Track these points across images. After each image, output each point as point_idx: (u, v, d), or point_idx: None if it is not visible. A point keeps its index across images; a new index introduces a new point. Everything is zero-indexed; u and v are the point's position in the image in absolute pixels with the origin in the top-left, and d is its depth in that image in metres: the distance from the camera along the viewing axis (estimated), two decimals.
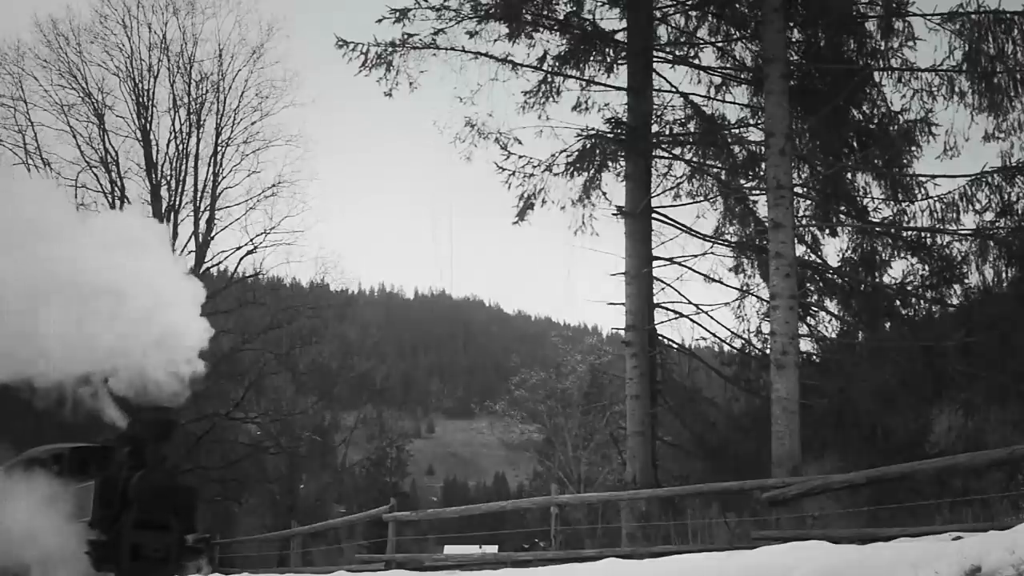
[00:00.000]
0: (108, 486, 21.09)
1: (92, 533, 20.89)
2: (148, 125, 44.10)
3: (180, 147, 44.28)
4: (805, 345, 25.16)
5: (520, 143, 26.63)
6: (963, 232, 23.57)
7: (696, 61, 26.94)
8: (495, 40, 25.99)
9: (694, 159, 27.13)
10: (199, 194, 44.36)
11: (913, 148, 24.18)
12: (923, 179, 24.15)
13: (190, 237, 43.94)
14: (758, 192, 25.59)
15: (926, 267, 24.25)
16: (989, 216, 23.29)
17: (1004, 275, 23.31)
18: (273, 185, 44.49)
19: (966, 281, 23.79)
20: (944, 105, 23.22)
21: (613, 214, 26.27)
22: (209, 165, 44.73)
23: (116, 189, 43.92)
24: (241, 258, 45.20)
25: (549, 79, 26.56)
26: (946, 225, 23.62)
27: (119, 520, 20.66)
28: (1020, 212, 23.01)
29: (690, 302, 26.47)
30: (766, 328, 24.89)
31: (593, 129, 25.87)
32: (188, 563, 21.20)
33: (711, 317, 26.56)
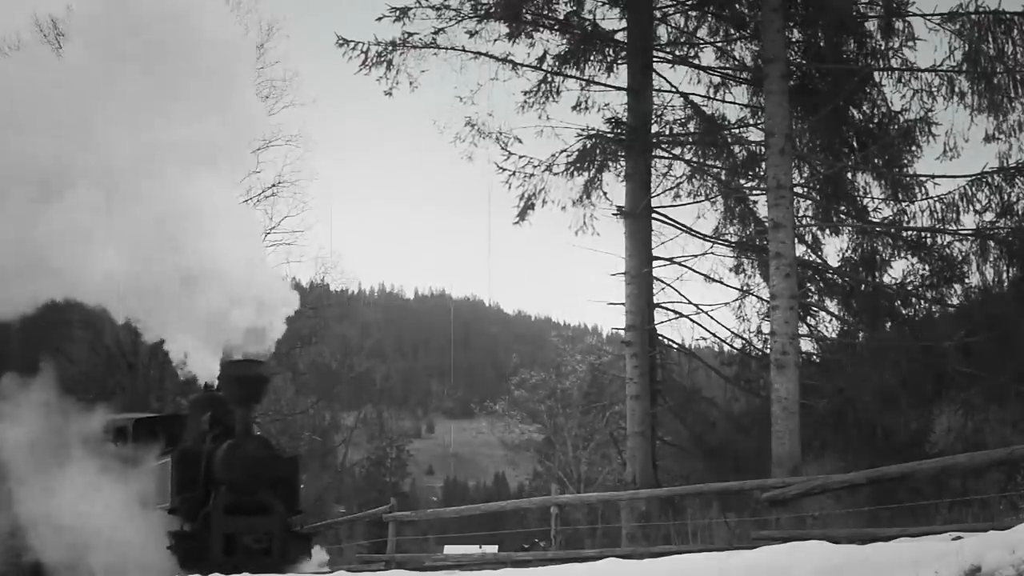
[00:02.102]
0: (188, 463, 18.21)
1: (173, 523, 18.11)
2: None
3: None
4: (805, 345, 25.19)
5: (520, 143, 26.65)
6: (963, 232, 23.62)
7: (696, 61, 26.96)
8: (495, 40, 26.01)
9: (694, 159, 27.14)
10: None
11: (913, 148, 24.18)
12: (923, 179, 24.18)
13: None
14: (758, 192, 25.60)
15: (926, 267, 24.26)
16: (989, 216, 23.35)
17: (1004, 275, 23.35)
18: (273, 185, 44.41)
19: (966, 281, 23.84)
20: (944, 105, 23.25)
21: (613, 214, 26.28)
22: None
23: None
24: None
25: (549, 79, 26.55)
26: (946, 225, 23.65)
27: (206, 504, 17.73)
28: (1020, 212, 23.05)
29: (690, 302, 26.50)
30: (766, 328, 24.90)
31: (593, 129, 25.91)
32: (297, 555, 17.95)
33: (711, 317, 26.59)
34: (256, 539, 17.47)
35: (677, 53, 27.10)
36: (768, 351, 23.60)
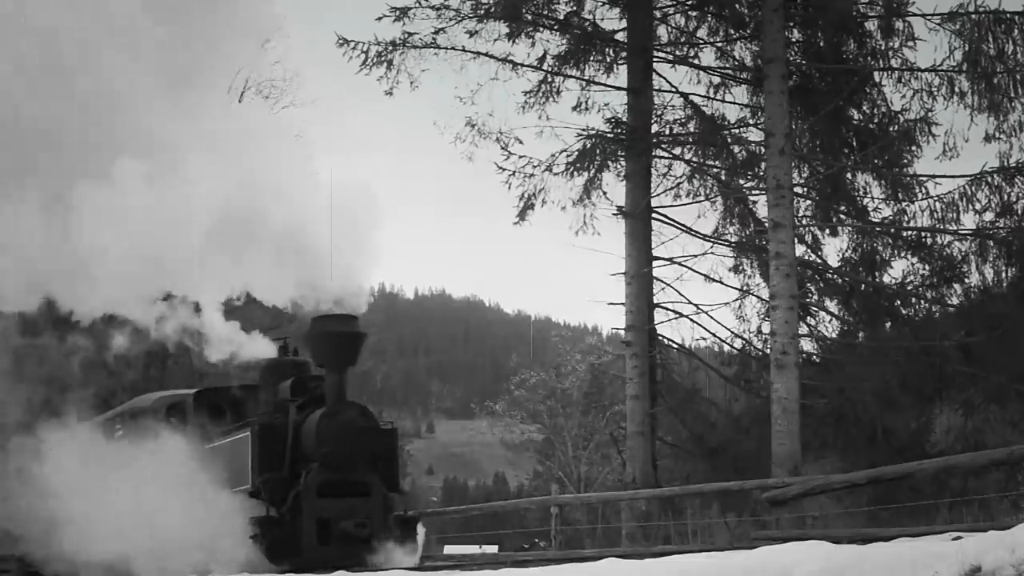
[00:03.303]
0: (271, 437, 15.88)
1: (256, 508, 15.70)
2: None
3: None
4: (805, 345, 25.21)
5: (520, 143, 26.66)
6: (963, 232, 23.64)
7: (696, 61, 26.95)
8: (495, 40, 26.02)
9: (694, 159, 27.15)
10: None
11: (913, 148, 24.20)
12: (923, 179, 24.20)
13: None
14: (758, 192, 25.61)
15: (926, 267, 24.28)
16: (989, 216, 23.39)
17: (1004, 275, 23.37)
18: None
19: (966, 281, 23.85)
20: (944, 105, 23.30)
21: (613, 214, 26.29)
22: None
23: None
24: None
25: (549, 79, 26.56)
26: (946, 225, 23.67)
27: (294, 485, 15.42)
28: (1020, 212, 23.07)
29: (690, 302, 26.50)
30: (766, 328, 24.89)
31: (593, 129, 25.94)
32: (401, 542, 15.47)
33: (711, 317, 26.59)
34: (357, 524, 15.17)
35: (677, 53, 27.11)
36: (768, 351, 23.61)
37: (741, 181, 26.78)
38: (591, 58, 26.66)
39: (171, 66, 17.55)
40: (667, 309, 26.44)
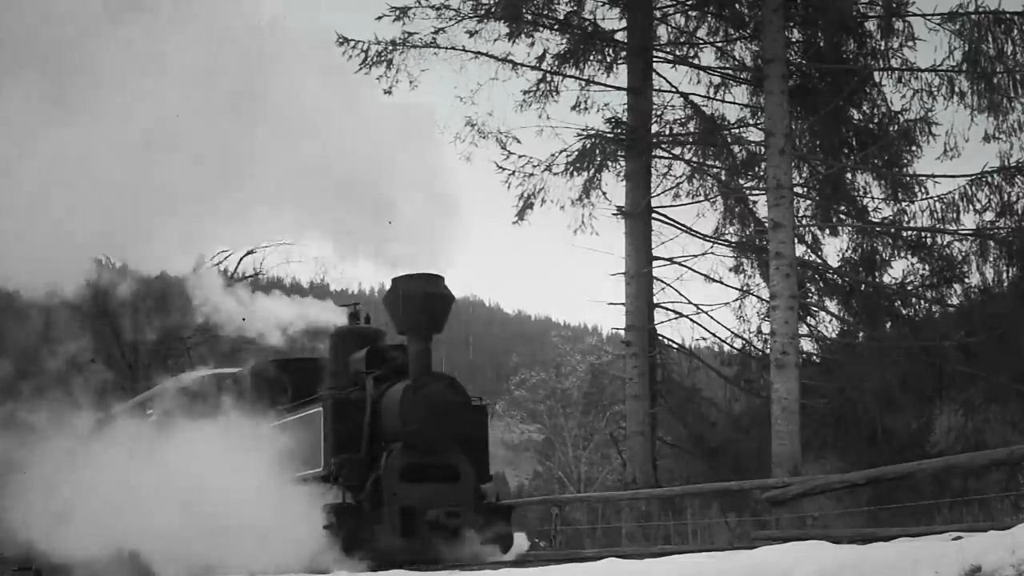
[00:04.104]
0: (346, 414, 14.23)
1: (328, 493, 14.09)
2: None
3: None
4: (805, 345, 25.23)
5: (519, 142, 26.69)
6: (963, 232, 23.66)
7: (696, 61, 26.99)
8: (495, 39, 26.04)
9: (694, 159, 27.17)
10: None
11: (913, 148, 24.22)
12: (923, 179, 24.21)
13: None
14: (758, 192, 25.63)
15: (926, 267, 24.29)
16: (989, 216, 23.39)
17: (1004, 275, 23.38)
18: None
19: (966, 281, 23.86)
20: (944, 105, 23.33)
21: (613, 214, 26.31)
22: None
23: None
24: (241, 258, 45.01)
25: (549, 79, 26.58)
26: (946, 225, 23.68)
27: (373, 468, 13.83)
28: (1020, 212, 23.07)
29: (690, 302, 26.52)
30: (766, 328, 24.91)
31: (593, 129, 25.97)
32: (496, 536, 14.02)
33: (711, 317, 26.62)
34: (448, 512, 13.48)
35: (677, 53, 27.14)
36: (768, 351, 23.61)
37: (741, 181, 26.82)
38: (591, 58, 26.69)
39: None
40: (667, 309, 26.46)
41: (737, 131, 26.72)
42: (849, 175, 25.29)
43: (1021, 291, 22.95)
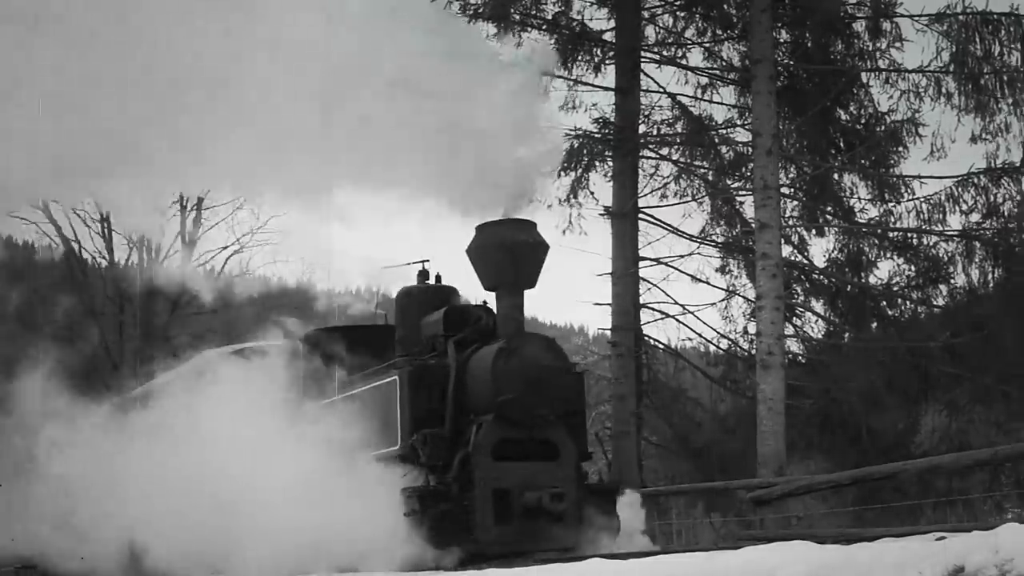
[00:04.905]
0: (426, 383, 12.60)
1: (407, 475, 12.41)
2: None
3: None
4: (791, 346, 25.22)
5: None
6: (949, 233, 23.70)
7: (684, 61, 26.94)
8: (483, 39, 25.95)
9: (681, 159, 27.16)
10: (185, 194, 44.06)
11: (900, 149, 24.25)
12: (910, 180, 24.23)
13: (176, 236, 43.69)
14: (745, 193, 25.61)
15: (912, 268, 24.33)
16: (975, 217, 23.44)
17: (990, 276, 23.43)
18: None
19: (952, 282, 23.91)
20: (931, 106, 23.37)
21: (600, 214, 26.26)
22: None
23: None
24: (228, 258, 44.95)
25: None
26: (932, 226, 23.72)
27: (458, 445, 12.18)
28: (1006, 213, 23.13)
29: (676, 302, 26.45)
30: (752, 329, 24.92)
31: (580, 129, 25.91)
32: (603, 523, 12.54)
33: (697, 318, 26.59)
34: (553, 495, 11.80)
35: (665, 53, 27.10)
36: (754, 352, 23.62)
37: (728, 181, 26.81)
38: (579, 58, 26.65)
39: None
40: (653, 309, 26.44)
41: (724, 132, 26.74)
42: (836, 176, 25.31)
43: (1006, 292, 23.01)
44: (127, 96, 12.96)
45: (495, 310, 13.20)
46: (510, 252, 12.74)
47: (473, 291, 13.98)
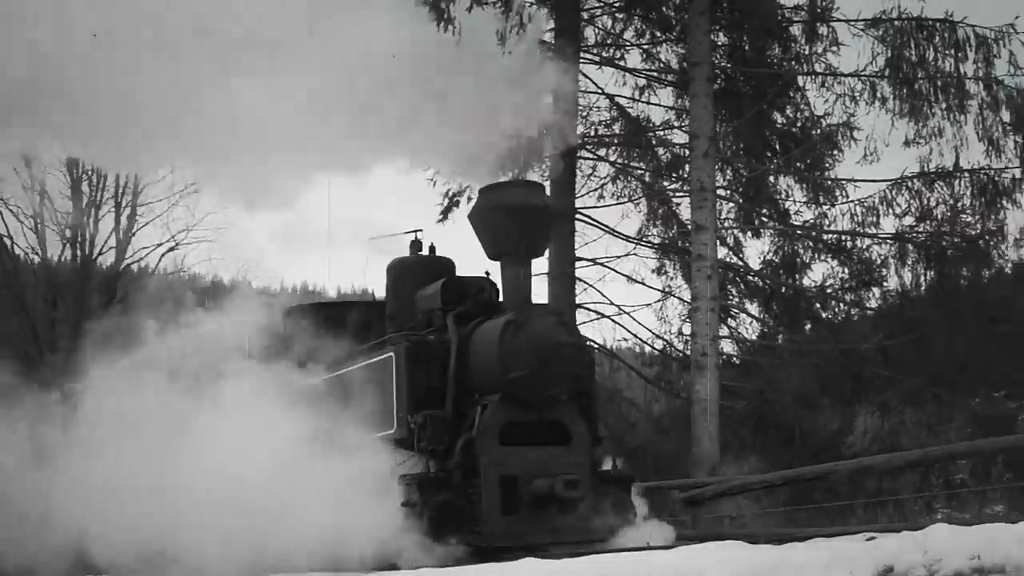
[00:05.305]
0: (425, 360, 11.55)
1: (405, 462, 11.38)
2: None
3: None
4: (725, 347, 25.36)
5: None
6: (883, 236, 23.93)
7: (622, 63, 26.97)
8: None
9: (619, 161, 27.19)
10: (120, 190, 43.58)
11: (835, 152, 24.46)
12: (844, 183, 24.41)
13: (111, 233, 43.19)
14: (682, 194, 25.72)
15: (846, 270, 24.53)
16: (909, 220, 23.70)
17: (922, 279, 23.67)
18: (196, 181, 43.68)
19: (885, 285, 24.12)
20: (866, 110, 23.63)
21: None
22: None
23: (36, 184, 43.11)
24: (163, 255, 44.52)
25: None
26: (866, 229, 23.96)
27: (463, 428, 11.21)
28: (939, 217, 23.38)
29: (612, 303, 26.48)
30: (687, 330, 24.99)
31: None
32: (619, 513, 11.38)
33: (633, 318, 26.62)
34: (568, 482, 10.76)
35: (604, 55, 27.12)
36: (689, 352, 23.72)
37: (665, 183, 26.88)
38: None
39: None
40: (589, 310, 26.45)
41: (662, 133, 26.81)
42: (772, 178, 25.46)
43: (938, 295, 23.27)
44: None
45: (498, 282, 12.30)
46: (519, 217, 11.78)
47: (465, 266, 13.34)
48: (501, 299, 12.35)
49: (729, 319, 25.88)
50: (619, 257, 26.36)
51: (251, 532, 11.46)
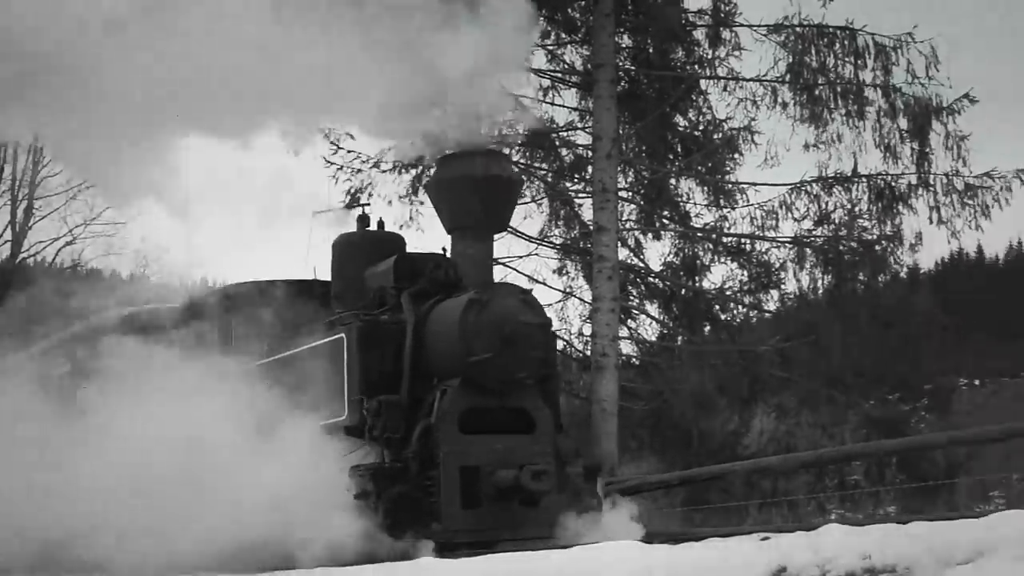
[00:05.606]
0: (378, 342, 10.93)
1: (357, 452, 10.83)
2: None
3: None
4: (626, 348, 25.42)
5: (353, 139, 26.28)
6: (782, 239, 24.10)
7: (527, 63, 26.94)
8: None
9: (521, 161, 27.16)
10: (17, 183, 42.81)
11: (736, 156, 24.63)
12: (744, 186, 24.61)
13: (6, 226, 42.46)
14: (584, 195, 25.74)
15: (745, 273, 24.68)
16: (807, 224, 23.91)
17: (820, 282, 23.92)
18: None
19: (783, 287, 24.33)
20: (767, 114, 23.77)
21: None
22: (28, 153, 43.13)
23: None
24: (59, 249, 43.86)
25: None
26: (765, 232, 24.14)
27: (417, 415, 10.66)
28: (837, 221, 23.66)
29: None
30: (588, 330, 25.00)
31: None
32: (585, 506, 11.14)
33: None
34: (536, 473, 10.31)
35: None
36: (589, 353, 23.76)
37: (568, 184, 26.90)
38: None
39: None
40: None
41: (565, 134, 26.80)
42: (673, 181, 25.58)
43: (835, 298, 23.57)
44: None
45: (454, 258, 11.69)
46: (481, 187, 11.27)
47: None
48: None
49: (629, 320, 25.97)
50: (521, 257, 26.31)
51: (155, 528, 10.91)
